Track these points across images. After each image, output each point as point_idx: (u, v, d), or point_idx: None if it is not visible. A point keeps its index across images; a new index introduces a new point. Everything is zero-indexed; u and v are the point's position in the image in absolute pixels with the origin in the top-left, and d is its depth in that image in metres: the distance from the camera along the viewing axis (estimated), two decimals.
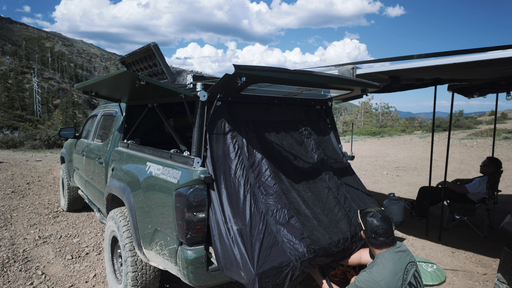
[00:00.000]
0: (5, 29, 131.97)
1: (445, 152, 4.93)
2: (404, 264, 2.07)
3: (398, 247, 2.16)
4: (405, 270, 2.04)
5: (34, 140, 18.67)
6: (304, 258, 2.05)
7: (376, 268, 2.05)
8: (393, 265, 2.04)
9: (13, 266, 3.62)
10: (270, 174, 2.32)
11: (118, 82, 2.41)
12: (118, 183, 2.86)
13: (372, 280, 2.00)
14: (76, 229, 4.79)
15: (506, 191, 6.90)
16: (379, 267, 2.05)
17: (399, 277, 2.00)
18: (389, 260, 2.07)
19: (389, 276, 1.99)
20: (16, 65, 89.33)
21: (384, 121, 39.88)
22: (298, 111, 2.86)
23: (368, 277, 2.03)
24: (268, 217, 2.14)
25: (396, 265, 2.04)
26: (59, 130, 5.04)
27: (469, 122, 30.91)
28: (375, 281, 1.99)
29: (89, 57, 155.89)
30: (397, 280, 1.98)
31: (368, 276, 2.03)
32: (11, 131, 41.15)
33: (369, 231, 2.18)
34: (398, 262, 2.07)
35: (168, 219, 2.20)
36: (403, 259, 2.09)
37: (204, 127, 2.21)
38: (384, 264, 2.05)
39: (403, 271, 2.03)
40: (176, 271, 2.16)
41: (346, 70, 3.05)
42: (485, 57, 2.50)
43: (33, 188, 7.03)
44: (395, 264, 2.05)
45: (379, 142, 18.95)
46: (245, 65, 1.76)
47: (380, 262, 2.08)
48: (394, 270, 2.02)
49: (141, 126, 3.30)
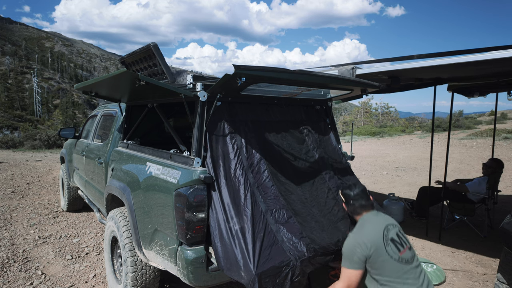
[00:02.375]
0: (5, 29, 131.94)
1: (445, 152, 4.93)
2: (384, 223, 2.18)
3: (377, 212, 2.32)
4: (385, 228, 2.14)
5: (34, 140, 18.66)
6: (304, 257, 2.05)
7: (357, 229, 2.19)
8: (372, 224, 2.17)
9: (13, 266, 3.62)
10: (269, 175, 2.32)
11: (118, 82, 2.41)
12: (118, 183, 2.86)
13: (355, 242, 2.09)
14: (76, 229, 4.79)
15: (506, 191, 6.90)
16: (360, 228, 2.18)
17: (379, 234, 2.10)
18: (368, 221, 2.21)
19: (370, 234, 2.10)
20: (16, 65, 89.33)
21: (384, 121, 39.87)
22: (298, 111, 2.86)
23: (352, 239, 2.13)
24: (267, 217, 2.14)
25: (376, 224, 2.16)
26: (59, 130, 5.04)
27: (469, 122, 30.92)
28: (357, 242, 2.08)
29: (89, 57, 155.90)
30: (378, 237, 2.08)
31: (352, 238, 2.14)
32: (11, 131, 41.15)
33: (349, 200, 2.32)
34: (377, 221, 2.19)
35: (168, 219, 2.19)
36: (382, 218, 2.22)
37: (204, 127, 2.21)
38: (364, 225, 2.19)
39: (383, 229, 2.13)
40: (176, 271, 2.16)
41: (346, 70, 3.04)
42: (485, 57, 2.50)
43: (33, 188, 7.03)
44: (375, 223, 2.17)
45: (379, 142, 18.95)
46: (245, 65, 1.76)
47: (360, 224, 2.22)
48: (374, 228, 2.13)
49: (141, 126, 3.30)
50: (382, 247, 2.06)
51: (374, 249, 2.05)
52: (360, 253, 2.05)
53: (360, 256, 2.05)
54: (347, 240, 2.16)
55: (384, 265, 2.04)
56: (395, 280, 2.04)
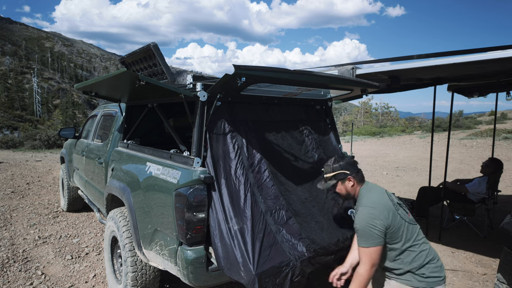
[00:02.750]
0: (5, 29, 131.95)
1: (445, 152, 4.93)
2: (383, 189, 2.10)
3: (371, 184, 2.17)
4: (387, 193, 2.06)
5: (34, 140, 18.66)
6: (303, 257, 2.05)
7: (366, 201, 2.00)
8: (376, 191, 2.06)
9: (13, 266, 3.62)
10: (269, 175, 2.32)
11: (118, 82, 2.41)
12: (118, 183, 2.86)
13: (371, 214, 1.91)
14: (76, 229, 4.79)
15: (506, 191, 6.90)
16: (368, 199, 2.00)
17: (388, 199, 2.00)
18: (371, 189, 2.08)
19: (381, 200, 1.97)
20: (16, 65, 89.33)
21: (384, 121, 39.87)
22: (298, 111, 2.86)
23: (366, 212, 1.93)
24: (267, 217, 2.14)
25: (379, 190, 2.07)
26: (59, 130, 5.04)
27: (469, 122, 30.91)
28: (373, 213, 1.91)
29: (89, 57, 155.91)
30: (389, 202, 1.98)
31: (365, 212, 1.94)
32: (11, 131, 41.15)
33: (353, 169, 2.11)
34: (377, 187, 2.10)
35: (168, 219, 2.19)
36: (379, 187, 2.13)
37: (204, 127, 2.21)
38: (371, 194, 2.03)
39: (386, 194, 2.05)
40: (176, 271, 2.16)
41: (346, 70, 3.04)
42: (485, 57, 2.50)
43: (33, 188, 7.03)
44: (377, 190, 2.07)
45: (379, 142, 18.95)
46: (245, 65, 1.76)
47: (366, 195, 2.04)
48: (381, 194, 2.02)
49: (141, 126, 3.30)
50: (395, 212, 1.94)
51: (391, 216, 1.92)
52: (381, 224, 1.88)
53: (381, 228, 1.88)
54: (359, 216, 1.96)
55: (401, 231, 1.92)
56: (414, 243, 1.94)
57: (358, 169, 2.15)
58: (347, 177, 2.10)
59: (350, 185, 2.10)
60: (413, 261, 1.94)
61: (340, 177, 2.11)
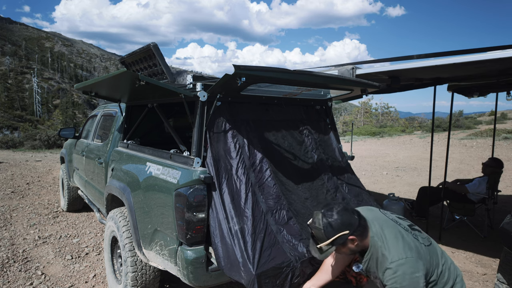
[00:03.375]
0: (5, 29, 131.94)
1: (445, 152, 4.93)
2: (390, 219, 1.79)
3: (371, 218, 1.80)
4: (397, 223, 1.75)
5: (34, 140, 18.66)
6: (304, 258, 2.05)
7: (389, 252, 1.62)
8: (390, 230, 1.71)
9: (12, 266, 3.62)
10: (271, 174, 2.32)
11: (118, 82, 2.41)
12: (118, 183, 2.86)
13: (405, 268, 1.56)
14: (76, 229, 4.79)
15: (506, 191, 6.89)
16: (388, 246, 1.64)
17: (403, 234, 1.67)
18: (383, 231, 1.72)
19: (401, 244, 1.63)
20: (16, 65, 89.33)
21: (384, 121, 39.87)
22: (298, 111, 2.86)
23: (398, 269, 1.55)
24: (268, 217, 2.14)
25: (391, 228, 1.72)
26: (59, 130, 5.04)
27: (469, 122, 30.92)
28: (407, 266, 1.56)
29: (89, 57, 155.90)
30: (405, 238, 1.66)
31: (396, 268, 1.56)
32: (11, 131, 41.15)
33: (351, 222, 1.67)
34: (388, 225, 1.74)
35: (168, 219, 2.19)
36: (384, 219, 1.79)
37: (204, 127, 2.21)
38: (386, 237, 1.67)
39: (398, 225, 1.73)
40: (176, 271, 2.16)
41: (346, 70, 3.04)
42: (485, 57, 2.50)
43: (32, 188, 7.03)
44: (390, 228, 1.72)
45: (379, 142, 18.94)
46: (245, 65, 1.76)
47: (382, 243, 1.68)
48: (396, 232, 1.68)
49: (141, 126, 3.30)
50: (416, 243, 1.64)
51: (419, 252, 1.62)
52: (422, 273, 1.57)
53: (424, 279, 1.58)
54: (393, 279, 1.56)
55: (429, 259, 1.64)
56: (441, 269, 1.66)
57: (358, 215, 1.71)
58: (348, 237, 1.66)
59: (355, 245, 1.69)
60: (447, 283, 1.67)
61: (339, 242, 1.66)
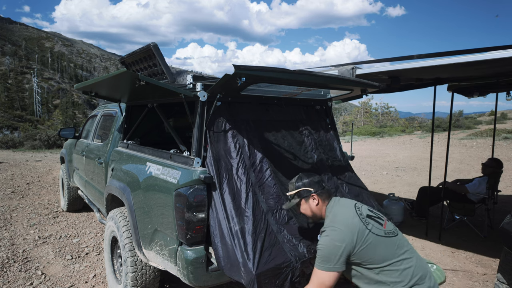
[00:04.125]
0: (5, 29, 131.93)
1: (445, 152, 4.93)
2: (352, 202, 1.97)
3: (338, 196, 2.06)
4: (355, 208, 1.91)
5: (34, 140, 18.66)
6: (304, 258, 2.05)
7: (331, 221, 1.88)
8: (343, 206, 1.93)
9: (12, 266, 3.62)
10: (271, 174, 2.32)
11: (118, 82, 2.41)
12: (118, 183, 2.86)
13: (336, 237, 1.78)
14: (76, 229, 4.79)
15: (506, 191, 6.90)
16: (333, 219, 1.89)
17: (353, 214, 1.86)
18: (338, 205, 1.95)
19: (347, 220, 1.84)
20: (16, 65, 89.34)
21: (384, 121, 39.88)
22: (298, 111, 2.86)
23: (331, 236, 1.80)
24: (268, 217, 2.14)
25: (345, 206, 1.93)
26: (59, 130, 5.04)
27: (469, 122, 30.92)
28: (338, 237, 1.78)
29: (89, 57, 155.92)
30: (355, 219, 1.83)
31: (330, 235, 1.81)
32: (11, 131, 41.16)
33: (317, 186, 1.98)
34: (346, 204, 1.96)
35: (168, 219, 2.19)
36: (349, 200, 2.00)
37: (204, 127, 2.21)
38: (336, 212, 1.91)
39: (354, 209, 1.90)
40: (176, 271, 2.16)
41: (346, 70, 3.04)
42: (485, 57, 2.50)
43: (32, 188, 7.03)
44: (344, 206, 1.94)
45: (379, 142, 18.95)
46: (245, 65, 1.76)
47: (330, 212, 1.94)
48: (347, 212, 1.88)
49: (141, 126, 3.30)
50: (363, 228, 1.79)
51: (357, 236, 1.76)
52: (346, 249, 1.75)
53: (346, 253, 1.76)
54: (324, 239, 1.82)
55: (374, 248, 1.76)
56: (393, 260, 1.76)
57: (324, 186, 2.03)
58: (311, 194, 1.99)
59: (315, 204, 1.99)
60: (397, 283, 1.73)
61: (303, 195, 2.01)
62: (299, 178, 2.07)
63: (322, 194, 2.00)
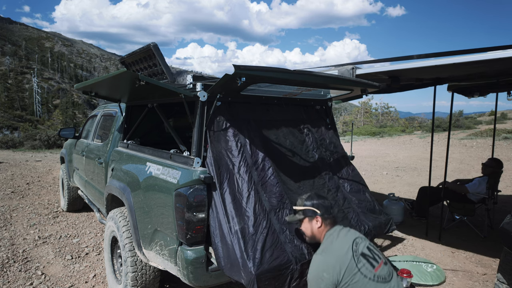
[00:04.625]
0: (5, 29, 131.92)
1: (445, 152, 4.93)
2: (352, 236, 1.95)
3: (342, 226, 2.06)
4: (353, 242, 1.90)
5: (34, 140, 18.66)
6: (304, 259, 2.05)
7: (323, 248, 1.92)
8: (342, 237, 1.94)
9: (12, 266, 3.62)
10: (273, 173, 2.31)
11: (118, 82, 2.41)
12: (118, 183, 2.86)
13: (322, 265, 1.82)
14: (76, 229, 4.79)
15: (506, 191, 6.90)
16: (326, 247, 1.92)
17: (349, 249, 1.85)
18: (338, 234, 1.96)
19: (338, 251, 1.85)
20: (16, 65, 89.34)
21: (384, 121, 39.88)
22: (298, 111, 2.86)
23: (318, 262, 1.86)
24: (271, 216, 2.14)
25: (344, 239, 1.93)
26: (59, 130, 5.04)
27: (469, 122, 30.92)
28: (324, 265, 1.82)
29: (89, 57, 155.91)
30: (347, 253, 1.83)
31: (318, 261, 1.86)
32: (11, 131, 41.17)
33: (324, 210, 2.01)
34: (345, 235, 1.95)
35: (168, 219, 2.19)
36: (351, 233, 1.99)
37: (204, 127, 2.21)
38: (331, 241, 1.93)
39: (352, 243, 1.89)
40: (176, 271, 2.16)
41: (346, 70, 3.04)
42: (485, 57, 2.50)
43: (32, 188, 7.03)
44: (342, 238, 1.94)
45: (379, 142, 18.95)
46: (245, 65, 1.76)
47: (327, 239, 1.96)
48: (342, 244, 1.89)
49: (141, 126, 3.30)
50: (353, 266, 1.78)
51: (345, 271, 1.76)
52: (329, 279, 1.76)
53: (328, 284, 1.76)
54: (312, 264, 1.87)
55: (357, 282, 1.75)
56: None
57: (330, 213, 2.05)
58: (316, 216, 2.02)
59: (317, 226, 2.01)
60: None
61: (308, 214, 2.03)
62: (310, 197, 2.09)
63: (327, 219, 2.02)
